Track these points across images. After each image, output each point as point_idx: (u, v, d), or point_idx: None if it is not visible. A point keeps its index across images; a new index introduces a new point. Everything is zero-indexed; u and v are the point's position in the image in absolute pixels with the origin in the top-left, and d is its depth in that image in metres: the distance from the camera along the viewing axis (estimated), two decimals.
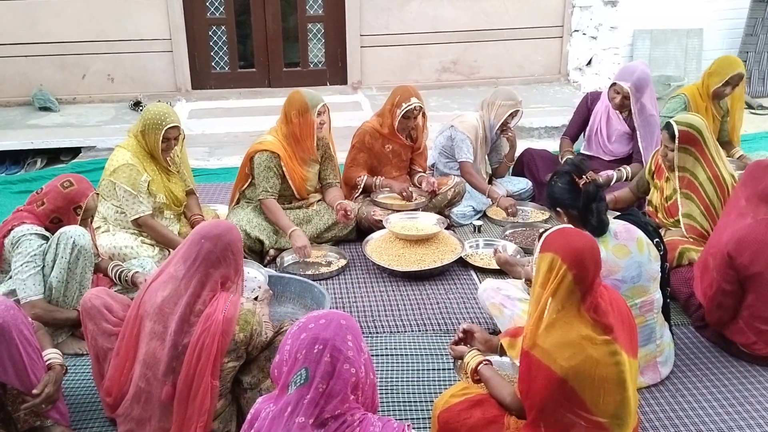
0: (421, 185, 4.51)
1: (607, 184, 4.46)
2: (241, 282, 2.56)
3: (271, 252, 4.09)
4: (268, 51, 7.37)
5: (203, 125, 6.39)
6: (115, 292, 2.95)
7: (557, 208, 2.92)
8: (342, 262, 4.04)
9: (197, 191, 4.34)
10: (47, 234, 3.07)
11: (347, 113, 6.29)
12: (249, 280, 3.24)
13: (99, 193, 3.65)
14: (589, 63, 7.63)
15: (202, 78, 7.35)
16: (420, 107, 4.38)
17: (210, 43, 7.29)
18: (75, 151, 6.09)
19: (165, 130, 3.70)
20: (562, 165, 3.69)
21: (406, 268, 3.85)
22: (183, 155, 4.13)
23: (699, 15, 7.57)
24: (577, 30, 7.58)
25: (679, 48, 7.56)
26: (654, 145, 4.40)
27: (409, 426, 1.78)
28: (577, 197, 2.80)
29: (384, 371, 3.05)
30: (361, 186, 4.49)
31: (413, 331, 3.38)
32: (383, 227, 4.14)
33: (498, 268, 3.51)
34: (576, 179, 2.82)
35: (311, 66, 7.55)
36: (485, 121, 4.64)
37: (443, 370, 3.04)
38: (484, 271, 3.93)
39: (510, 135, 4.73)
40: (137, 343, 2.50)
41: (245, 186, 4.19)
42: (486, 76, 7.65)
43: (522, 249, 4.07)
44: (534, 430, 2.18)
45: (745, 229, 3.00)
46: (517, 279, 3.27)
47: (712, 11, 7.58)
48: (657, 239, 2.96)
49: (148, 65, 7.12)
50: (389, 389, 2.93)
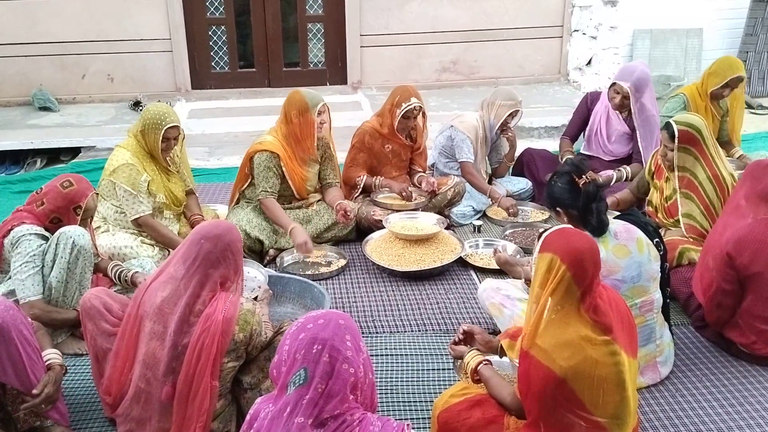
0: (421, 185, 4.51)
1: (607, 184, 4.47)
2: (241, 282, 2.56)
3: (271, 252, 4.09)
4: (267, 51, 7.37)
5: (203, 125, 6.39)
6: (115, 292, 2.95)
7: (557, 208, 2.92)
8: (342, 262, 4.04)
9: (197, 191, 4.34)
10: (47, 234, 3.06)
11: (347, 113, 6.28)
12: (249, 280, 3.25)
13: (99, 193, 3.65)
14: (589, 63, 7.63)
15: (201, 78, 7.35)
16: (420, 107, 4.38)
17: (210, 43, 7.29)
18: (75, 151, 6.09)
19: (165, 129, 3.70)
20: (562, 165, 3.69)
21: (405, 268, 3.85)
22: (183, 155, 4.13)
23: (699, 15, 7.57)
24: (577, 30, 7.57)
25: (679, 48, 7.56)
26: (654, 145, 4.40)
27: (409, 425, 1.78)
28: (577, 197, 2.80)
29: (384, 371, 3.05)
30: (361, 186, 4.49)
31: (413, 331, 3.38)
32: (383, 227, 4.14)
33: (498, 268, 3.52)
34: (576, 179, 2.82)
35: (311, 66, 7.55)
36: (485, 121, 4.64)
37: (443, 370, 3.04)
38: (483, 271, 3.93)
39: (510, 135, 4.73)
40: (137, 344, 2.50)
41: (245, 186, 4.18)
42: (486, 76, 7.65)
43: (522, 249, 4.07)
44: (533, 430, 2.18)
45: (745, 229, 3.00)
46: (517, 279, 3.27)
47: (712, 11, 7.58)
48: (657, 239, 2.96)
49: (147, 65, 7.12)
50: (389, 389, 2.93)
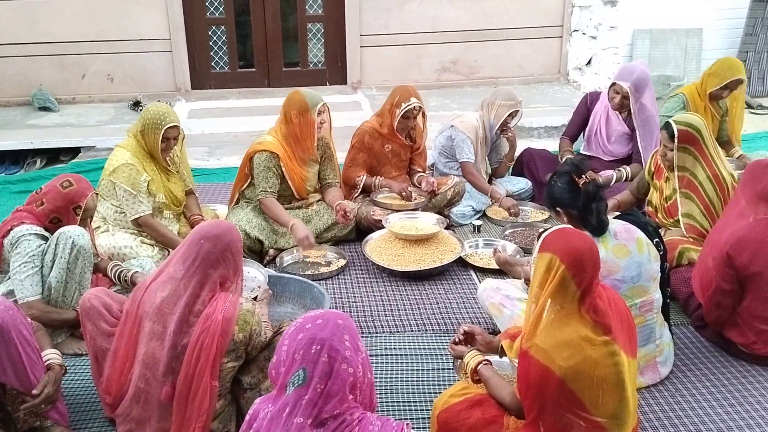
0: (421, 185, 4.51)
1: (607, 184, 4.47)
2: (241, 282, 2.56)
3: (271, 252, 4.09)
4: (267, 51, 7.36)
5: (203, 125, 6.38)
6: (115, 292, 2.95)
7: (557, 207, 2.92)
8: (341, 262, 4.04)
9: (197, 191, 4.34)
10: (46, 234, 3.06)
11: (347, 113, 6.28)
12: (249, 280, 3.24)
13: (98, 193, 3.65)
14: (589, 63, 7.62)
15: (201, 78, 7.34)
16: (419, 107, 4.37)
17: (210, 43, 7.28)
18: (74, 151, 6.08)
19: (164, 129, 3.70)
20: (561, 165, 3.69)
21: (405, 268, 3.85)
22: (183, 155, 4.13)
23: (699, 15, 7.57)
24: (577, 30, 7.57)
25: (679, 48, 7.56)
26: (653, 146, 4.40)
27: (408, 425, 1.77)
28: (577, 197, 2.80)
29: (383, 371, 3.05)
30: (361, 186, 4.49)
31: (413, 331, 3.38)
32: (383, 227, 4.14)
33: (497, 267, 3.51)
34: (576, 179, 2.82)
35: (311, 66, 7.54)
36: (485, 121, 4.64)
37: (443, 370, 3.04)
38: (483, 271, 3.93)
39: (510, 135, 4.72)
40: (136, 344, 2.50)
41: (245, 186, 4.18)
42: (486, 76, 7.65)
43: (521, 249, 4.07)
44: (533, 430, 2.18)
45: (745, 229, 3.00)
46: (517, 279, 3.27)
47: (711, 11, 7.58)
48: (657, 239, 2.96)
49: (147, 65, 7.12)
50: (389, 389, 2.93)
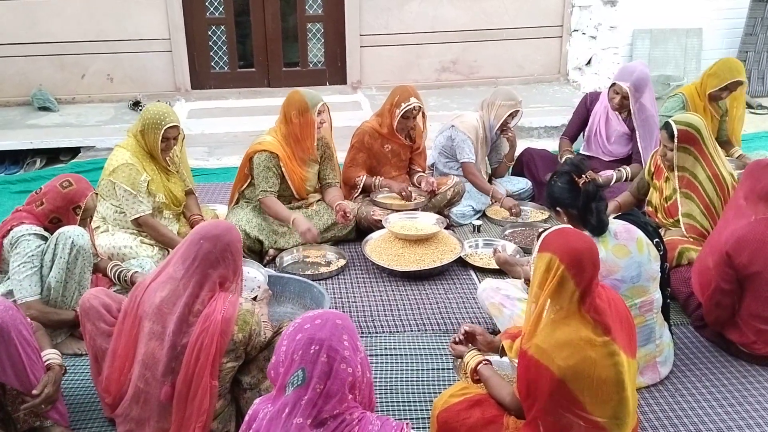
0: (421, 185, 4.50)
1: (607, 184, 4.47)
2: (240, 282, 2.56)
3: (271, 252, 4.09)
4: (267, 51, 7.36)
5: (202, 125, 6.38)
6: (114, 292, 2.95)
7: (557, 207, 2.92)
8: (341, 262, 4.04)
9: (196, 191, 4.34)
10: (46, 234, 3.06)
11: (347, 113, 6.27)
12: (249, 280, 3.24)
13: (98, 193, 3.65)
14: (589, 63, 7.62)
15: (201, 78, 7.34)
16: (419, 107, 4.37)
17: (209, 43, 7.28)
18: (74, 151, 6.08)
19: (164, 129, 3.70)
20: (561, 165, 3.69)
21: (405, 267, 3.84)
22: (183, 155, 4.13)
23: (698, 14, 7.56)
24: (577, 30, 7.57)
25: (679, 48, 7.56)
26: (653, 146, 4.39)
27: (408, 424, 1.77)
28: (577, 197, 2.80)
29: (383, 371, 3.05)
30: (361, 186, 4.49)
31: (413, 331, 3.38)
32: (383, 227, 4.14)
33: (497, 267, 3.52)
34: (576, 179, 2.81)
35: (311, 66, 7.54)
36: (485, 122, 4.63)
37: (442, 370, 3.04)
38: (483, 271, 3.93)
39: (510, 135, 4.72)
40: (136, 344, 2.50)
41: (244, 186, 4.18)
42: (485, 75, 7.64)
43: (521, 249, 4.07)
44: (533, 429, 2.18)
45: (744, 229, 3.00)
46: (517, 279, 3.27)
47: (711, 11, 7.57)
48: (657, 239, 2.96)
49: (147, 65, 7.11)
50: (388, 389, 2.93)
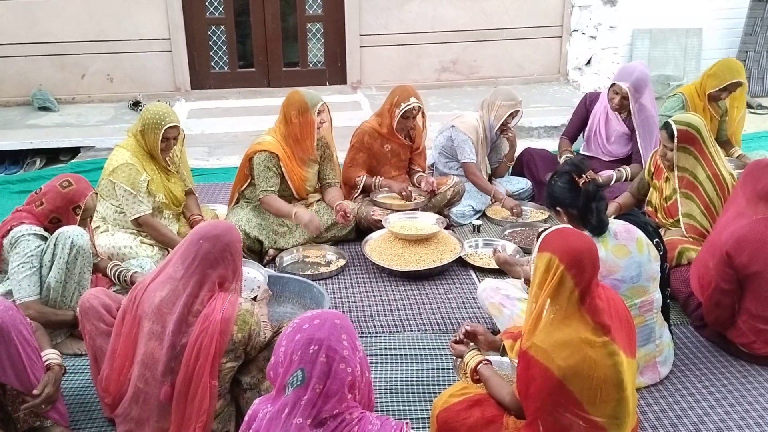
0: (421, 185, 4.50)
1: (607, 184, 4.47)
2: (240, 282, 2.56)
3: (271, 252, 4.09)
4: (267, 51, 7.36)
5: (202, 125, 6.38)
6: (114, 292, 2.95)
7: (557, 207, 2.92)
8: (341, 261, 4.04)
9: (196, 191, 4.34)
10: (46, 234, 3.06)
11: (347, 113, 6.27)
12: (248, 280, 3.24)
13: (98, 193, 3.65)
14: (589, 62, 7.62)
15: (201, 78, 7.34)
16: (419, 107, 4.37)
17: (209, 43, 7.28)
18: (74, 151, 6.08)
19: (164, 129, 3.70)
20: (562, 165, 3.69)
21: (405, 267, 3.84)
22: (183, 155, 4.13)
23: (698, 14, 7.56)
24: (577, 29, 7.57)
25: (679, 47, 7.56)
26: (653, 146, 4.39)
27: (408, 423, 1.77)
28: (577, 196, 2.80)
29: (383, 371, 3.05)
30: (361, 186, 4.49)
31: (412, 331, 3.38)
32: (382, 227, 4.14)
33: (497, 267, 3.51)
34: (576, 178, 2.81)
35: (311, 66, 7.54)
36: (485, 122, 4.63)
37: (442, 369, 3.04)
38: (483, 271, 3.93)
39: (510, 135, 4.72)
40: (136, 344, 2.50)
41: (244, 186, 4.18)
42: (485, 75, 7.64)
43: (521, 249, 4.07)
44: (533, 429, 2.18)
45: (744, 228, 3.00)
46: (517, 279, 3.27)
47: (711, 11, 7.57)
48: (657, 239, 2.96)
49: (147, 65, 7.11)
50: (388, 389, 2.93)
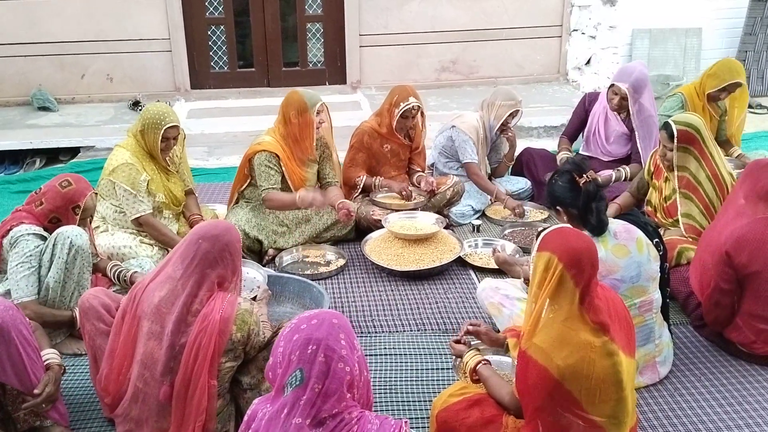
0: (420, 185, 4.50)
1: (607, 183, 4.47)
2: (239, 282, 2.56)
3: (270, 252, 4.09)
4: (267, 51, 7.36)
5: (202, 125, 6.38)
6: (114, 292, 2.95)
7: (557, 206, 2.92)
8: (341, 261, 4.04)
9: (196, 191, 4.34)
10: (45, 234, 3.06)
11: (346, 113, 6.27)
12: (248, 280, 3.24)
13: (98, 193, 3.65)
14: (588, 62, 7.62)
15: (201, 78, 7.34)
16: (418, 107, 4.37)
17: (209, 43, 7.27)
18: (74, 151, 6.08)
19: (164, 129, 3.70)
20: (563, 164, 3.69)
21: (405, 267, 3.84)
22: (183, 155, 4.13)
23: (698, 14, 7.56)
24: (576, 29, 7.57)
25: (678, 47, 7.56)
26: (653, 146, 4.39)
27: (407, 422, 1.78)
28: (577, 196, 2.80)
29: (383, 371, 3.05)
30: (361, 186, 4.49)
31: (412, 331, 3.38)
32: (382, 227, 4.14)
33: (497, 267, 3.51)
34: (576, 178, 2.82)
35: (310, 66, 7.54)
36: (485, 122, 4.63)
37: (442, 369, 3.05)
38: (483, 271, 3.93)
39: (510, 135, 4.72)
40: (135, 343, 2.50)
41: (244, 186, 4.18)
42: (485, 75, 7.64)
43: (521, 248, 4.07)
44: (532, 429, 2.18)
45: (744, 228, 3.00)
46: (516, 278, 3.27)
47: (711, 10, 7.57)
48: (656, 239, 2.96)
49: (147, 65, 7.11)
50: (388, 389, 2.93)
